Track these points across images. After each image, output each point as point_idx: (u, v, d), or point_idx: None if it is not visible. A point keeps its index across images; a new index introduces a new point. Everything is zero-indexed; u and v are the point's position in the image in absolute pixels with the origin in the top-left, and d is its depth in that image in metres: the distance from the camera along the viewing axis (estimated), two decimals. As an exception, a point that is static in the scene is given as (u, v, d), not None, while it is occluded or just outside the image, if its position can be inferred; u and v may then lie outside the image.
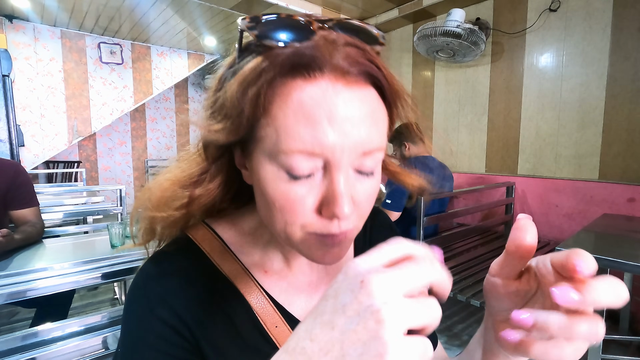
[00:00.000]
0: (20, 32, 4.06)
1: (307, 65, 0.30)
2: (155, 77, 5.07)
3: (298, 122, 0.29)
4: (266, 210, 0.35)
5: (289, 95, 0.30)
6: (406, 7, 3.18)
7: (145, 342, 0.36)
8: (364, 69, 0.31)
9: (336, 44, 0.30)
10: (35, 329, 1.15)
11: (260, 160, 0.33)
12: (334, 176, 0.31)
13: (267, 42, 0.30)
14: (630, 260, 1.18)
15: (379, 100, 0.33)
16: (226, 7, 3.19)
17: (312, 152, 0.30)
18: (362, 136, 0.30)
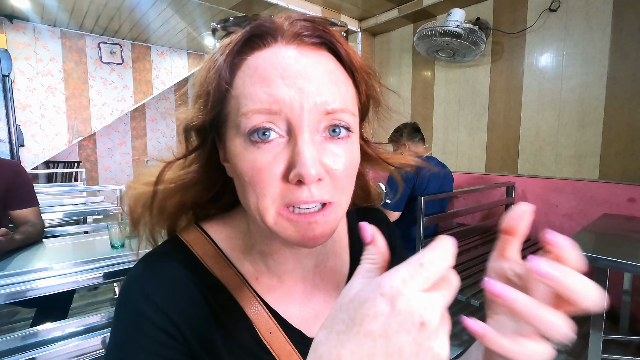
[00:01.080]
0: (20, 32, 4.06)
1: (261, 36, 0.32)
2: (155, 77, 5.08)
3: (254, 85, 0.31)
4: (241, 190, 0.34)
5: (248, 65, 0.32)
6: (406, 7, 3.18)
7: (135, 343, 0.35)
8: (317, 34, 0.33)
9: (290, 19, 0.33)
10: (35, 329, 1.15)
11: (230, 137, 0.34)
12: (297, 137, 0.31)
13: (231, 29, 0.34)
14: (630, 260, 1.18)
15: (336, 64, 0.34)
16: (226, 7, 3.19)
17: (270, 109, 0.30)
18: (321, 93, 0.31)
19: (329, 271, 0.46)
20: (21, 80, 4.07)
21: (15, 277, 1.08)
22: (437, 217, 1.95)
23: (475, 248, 2.46)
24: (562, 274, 0.23)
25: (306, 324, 0.42)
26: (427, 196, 1.84)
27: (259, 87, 0.31)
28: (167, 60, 5.15)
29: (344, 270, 0.47)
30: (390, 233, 0.54)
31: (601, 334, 1.31)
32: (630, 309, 2.02)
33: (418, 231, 1.83)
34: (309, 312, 0.43)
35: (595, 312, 1.33)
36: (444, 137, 3.22)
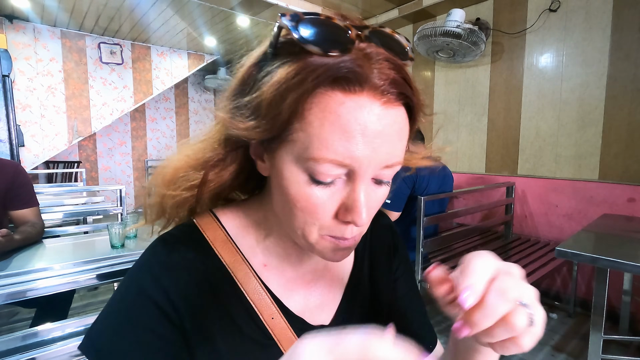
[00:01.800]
0: (21, 32, 4.06)
1: (347, 80, 0.30)
2: (155, 77, 5.07)
3: (333, 133, 0.30)
4: (285, 208, 0.36)
5: (327, 106, 0.30)
6: (406, 7, 3.18)
7: (132, 320, 0.37)
8: (400, 90, 0.33)
9: (376, 60, 0.31)
10: (35, 329, 1.15)
11: (285, 160, 0.34)
12: (356, 186, 0.33)
13: (309, 47, 0.30)
14: (630, 260, 1.18)
15: (406, 119, 0.35)
16: (226, 7, 3.19)
17: (342, 162, 0.31)
18: (388, 151, 0.33)
19: (335, 265, 0.49)
20: (21, 80, 4.07)
21: (15, 277, 1.08)
22: (437, 217, 1.95)
23: (475, 248, 2.46)
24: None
25: (310, 312, 0.44)
26: (427, 196, 1.84)
27: (338, 137, 0.30)
28: (167, 61, 5.15)
29: (348, 265, 0.50)
30: (393, 236, 0.56)
31: (601, 334, 1.31)
32: (630, 309, 2.02)
33: (418, 231, 1.83)
34: (313, 301, 0.45)
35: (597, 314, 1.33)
36: (444, 137, 3.22)
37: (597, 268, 1.31)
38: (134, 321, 0.37)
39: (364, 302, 0.49)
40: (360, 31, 0.32)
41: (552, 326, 2.21)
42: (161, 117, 6.22)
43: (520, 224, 2.72)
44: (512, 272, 0.28)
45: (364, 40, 0.32)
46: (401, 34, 0.36)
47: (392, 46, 0.34)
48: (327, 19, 0.31)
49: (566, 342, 2.03)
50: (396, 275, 0.54)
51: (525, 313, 0.26)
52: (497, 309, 0.25)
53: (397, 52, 0.34)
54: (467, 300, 0.25)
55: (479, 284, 0.26)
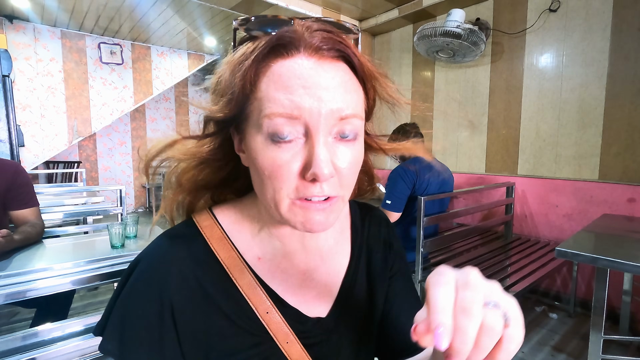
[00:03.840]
0: (21, 33, 4.06)
1: (285, 46, 0.35)
2: (155, 78, 5.08)
3: (278, 91, 0.34)
4: (258, 181, 0.38)
5: (272, 72, 0.35)
6: (406, 8, 3.19)
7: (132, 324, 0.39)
8: (334, 47, 0.36)
9: (311, 29, 0.36)
10: (35, 329, 1.15)
11: (250, 133, 0.37)
12: (313, 140, 0.34)
13: (254, 32, 0.36)
14: (630, 260, 1.18)
15: (350, 74, 0.37)
16: (226, 7, 3.19)
17: (291, 115, 0.34)
18: (337, 101, 0.35)
19: (332, 257, 0.50)
20: (21, 80, 4.07)
21: (15, 277, 1.08)
22: (437, 217, 1.95)
23: (475, 248, 2.46)
24: None
25: (306, 304, 0.45)
26: (427, 196, 1.84)
27: (282, 93, 0.34)
28: (167, 61, 5.15)
29: (345, 258, 0.51)
30: (388, 231, 0.57)
31: (601, 334, 1.31)
32: (630, 309, 2.02)
33: (418, 231, 1.83)
34: (309, 292, 0.46)
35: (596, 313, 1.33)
36: (444, 137, 3.22)
37: (597, 268, 1.31)
38: (137, 313, 0.39)
39: (360, 295, 0.50)
40: (302, 20, 0.37)
41: (552, 326, 2.21)
42: (161, 117, 6.22)
43: (520, 224, 2.72)
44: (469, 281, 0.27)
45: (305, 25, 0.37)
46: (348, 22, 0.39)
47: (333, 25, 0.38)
48: (273, 16, 0.36)
49: (566, 342, 2.03)
50: (392, 272, 0.55)
51: (498, 315, 0.25)
52: (469, 330, 0.24)
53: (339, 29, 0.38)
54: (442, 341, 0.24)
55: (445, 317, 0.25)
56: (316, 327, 0.45)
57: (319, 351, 0.45)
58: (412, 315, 0.53)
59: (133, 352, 0.39)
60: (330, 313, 0.46)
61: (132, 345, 0.39)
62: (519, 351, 1.94)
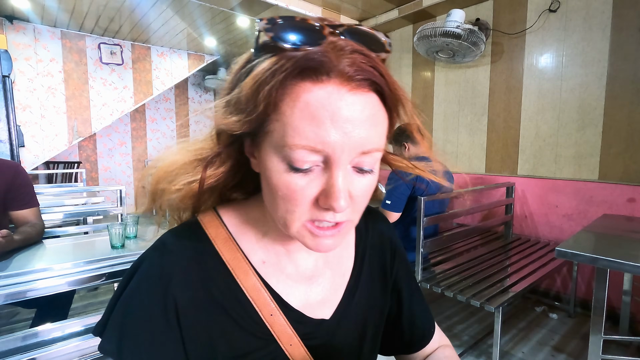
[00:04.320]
0: (21, 33, 4.06)
1: (315, 69, 0.32)
2: (155, 78, 5.08)
3: (303, 120, 0.32)
4: (270, 197, 0.37)
5: (298, 96, 0.32)
6: (406, 8, 3.19)
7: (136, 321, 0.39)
8: (367, 76, 0.33)
9: (343, 51, 0.33)
10: (35, 329, 1.15)
11: (267, 152, 0.35)
12: (333, 172, 0.33)
13: (280, 43, 0.32)
14: (630, 260, 1.18)
15: (379, 105, 0.35)
16: (226, 7, 3.19)
17: (314, 148, 0.32)
18: (362, 137, 0.33)
19: (336, 261, 0.50)
20: (21, 80, 4.07)
21: (15, 277, 1.08)
22: (437, 218, 1.95)
23: (475, 248, 2.46)
24: None
25: (310, 307, 0.45)
26: (427, 196, 1.84)
27: (308, 124, 0.32)
28: (167, 61, 5.15)
29: (349, 261, 0.51)
30: (390, 235, 0.57)
31: (601, 335, 1.31)
32: (630, 309, 2.02)
33: (418, 232, 1.83)
34: (314, 297, 0.46)
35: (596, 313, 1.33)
36: (444, 137, 3.22)
37: (597, 268, 1.31)
38: (139, 312, 0.39)
39: (364, 297, 0.50)
40: (334, 29, 0.34)
41: (552, 326, 2.21)
42: (161, 117, 6.22)
43: (520, 224, 2.72)
44: None
45: (335, 35, 0.34)
46: (380, 31, 0.36)
47: (366, 41, 0.35)
48: (302, 20, 0.33)
49: (566, 342, 2.03)
50: (399, 273, 0.56)
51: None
52: None
53: (371, 44, 0.35)
54: None
55: None
56: (319, 328, 0.45)
57: (322, 352, 0.45)
58: (420, 310, 0.57)
59: (135, 353, 0.38)
60: (333, 315, 0.47)
61: (133, 345, 0.39)
62: (519, 351, 1.94)
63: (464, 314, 2.33)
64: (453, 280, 1.83)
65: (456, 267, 2.02)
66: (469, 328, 2.17)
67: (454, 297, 1.71)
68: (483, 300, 1.60)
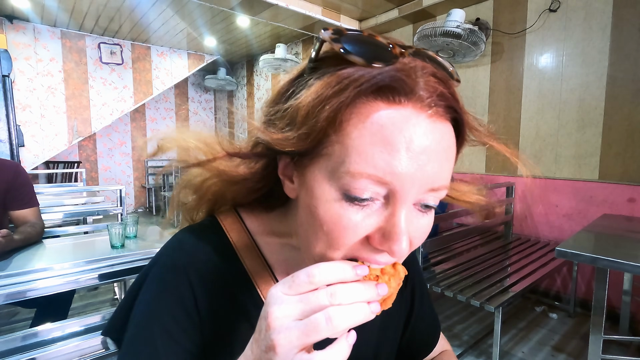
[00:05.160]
0: (21, 33, 4.06)
1: (392, 89, 0.28)
2: (155, 78, 5.08)
3: (374, 145, 0.27)
4: (309, 229, 0.32)
5: (369, 116, 0.28)
6: (406, 8, 3.18)
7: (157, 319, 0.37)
8: (449, 104, 0.30)
9: (423, 73, 0.29)
10: (35, 329, 1.15)
11: (316, 177, 0.31)
12: (396, 209, 0.29)
13: (352, 57, 0.28)
14: (630, 260, 1.18)
15: (454, 137, 0.32)
16: (226, 7, 3.19)
17: (382, 179, 0.28)
18: (435, 171, 0.29)
19: None
20: (21, 80, 4.07)
21: (15, 277, 1.08)
22: (437, 218, 1.95)
23: (475, 248, 2.46)
24: None
25: None
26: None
27: (379, 151, 0.27)
28: (167, 61, 5.15)
29: None
30: None
31: (601, 334, 1.31)
32: (630, 309, 2.02)
33: (418, 231, 1.82)
34: None
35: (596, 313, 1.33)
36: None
37: (597, 268, 1.31)
38: (158, 313, 0.37)
39: (380, 315, 0.49)
40: (403, 49, 0.30)
41: (552, 326, 2.21)
42: (161, 117, 6.22)
43: (520, 224, 2.72)
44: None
45: (407, 56, 0.30)
46: (444, 58, 0.33)
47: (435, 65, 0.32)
48: (370, 35, 0.30)
49: (566, 342, 2.03)
50: (412, 282, 0.55)
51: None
52: None
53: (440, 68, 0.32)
54: None
55: None
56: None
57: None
58: (429, 317, 0.56)
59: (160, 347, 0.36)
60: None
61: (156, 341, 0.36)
62: (519, 351, 1.94)
63: (464, 314, 2.33)
64: (453, 280, 1.83)
65: (456, 267, 2.02)
66: (469, 328, 2.17)
67: (454, 297, 1.71)
68: (483, 300, 1.60)
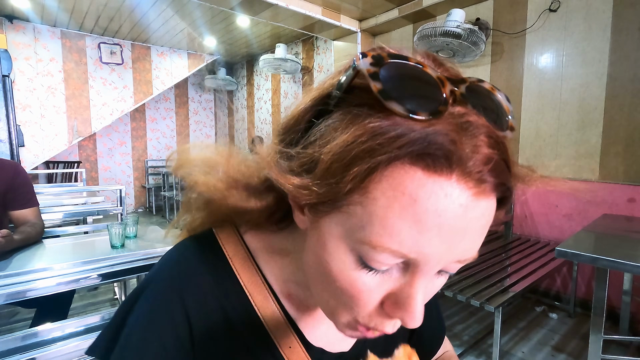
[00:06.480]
0: (21, 33, 4.06)
1: (434, 157, 0.23)
2: (155, 78, 5.08)
3: (403, 220, 0.24)
4: (319, 279, 0.30)
5: (401, 185, 0.23)
6: (406, 8, 3.18)
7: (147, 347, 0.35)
8: (501, 181, 0.25)
9: (474, 134, 0.24)
10: (35, 329, 1.15)
11: (332, 231, 0.27)
12: (415, 282, 0.26)
13: (390, 104, 0.23)
14: (630, 260, 1.18)
15: (494, 210, 0.27)
16: (226, 7, 3.19)
17: (406, 256, 0.25)
18: (466, 249, 0.26)
19: None
20: (21, 80, 4.07)
21: (15, 277, 1.08)
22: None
23: (475, 248, 2.46)
24: None
25: (331, 344, 0.41)
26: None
27: (408, 227, 0.23)
28: (167, 61, 5.15)
29: None
30: None
31: (601, 334, 1.31)
32: (630, 309, 2.02)
33: (418, 231, 1.82)
34: (335, 333, 0.41)
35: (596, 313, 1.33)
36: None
37: (597, 268, 1.31)
38: (147, 342, 0.35)
39: None
40: (455, 86, 0.26)
41: (552, 326, 2.21)
42: (161, 117, 6.22)
43: (520, 224, 2.72)
44: None
45: (458, 99, 0.25)
46: (501, 92, 0.28)
47: (490, 110, 0.26)
48: (417, 66, 0.25)
49: (566, 342, 2.03)
50: None
51: None
52: None
53: (495, 118, 0.26)
54: None
55: None
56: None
57: None
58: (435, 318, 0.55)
59: None
60: (353, 347, 0.44)
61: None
62: (519, 351, 1.94)
63: (464, 314, 2.33)
64: (453, 280, 1.83)
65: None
66: (469, 328, 2.17)
67: (454, 297, 1.71)
68: (483, 300, 1.60)
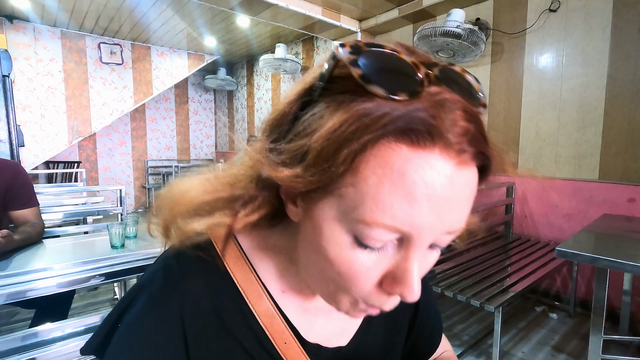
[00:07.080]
0: (21, 33, 4.06)
1: (417, 132, 0.25)
2: (155, 78, 5.08)
3: (393, 194, 0.25)
4: (317, 267, 0.31)
5: (389, 162, 0.25)
6: (406, 8, 3.18)
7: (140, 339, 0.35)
8: (480, 149, 0.27)
9: (451, 110, 0.26)
10: (35, 329, 1.15)
11: (326, 216, 0.28)
12: (410, 255, 0.28)
13: (372, 87, 0.25)
14: (630, 260, 1.18)
15: (477, 180, 0.29)
16: (226, 7, 3.19)
17: (400, 229, 0.26)
18: (455, 219, 0.28)
19: None
20: (21, 80, 4.07)
21: (15, 277, 1.08)
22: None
23: (475, 248, 2.46)
24: None
25: (327, 339, 0.42)
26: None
27: (398, 200, 0.25)
28: (167, 61, 5.15)
29: None
30: None
31: (601, 334, 1.31)
32: (630, 309, 2.02)
33: (418, 231, 1.82)
34: (331, 330, 0.43)
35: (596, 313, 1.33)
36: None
37: (597, 268, 1.31)
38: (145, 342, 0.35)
39: (382, 322, 0.48)
40: (429, 69, 0.27)
41: (552, 326, 2.21)
42: (161, 117, 6.22)
43: (520, 224, 2.72)
44: None
45: (433, 81, 0.27)
46: (471, 74, 0.30)
47: (462, 89, 0.28)
48: (392, 53, 0.27)
49: (566, 342, 2.03)
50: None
51: None
52: None
53: (468, 96, 0.28)
54: None
55: None
56: (336, 356, 0.42)
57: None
58: (433, 318, 0.55)
59: None
60: (350, 342, 0.44)
61: None
62: (519, 351, 1.94)
63: (464, 314, 2.33)
64: (453, 280, 1.83)
65: (456, 267, 2.02)
66: (469, 328, 2.17)
67: (454, 297, 1.71)
68: (483, 300, 1.60)
